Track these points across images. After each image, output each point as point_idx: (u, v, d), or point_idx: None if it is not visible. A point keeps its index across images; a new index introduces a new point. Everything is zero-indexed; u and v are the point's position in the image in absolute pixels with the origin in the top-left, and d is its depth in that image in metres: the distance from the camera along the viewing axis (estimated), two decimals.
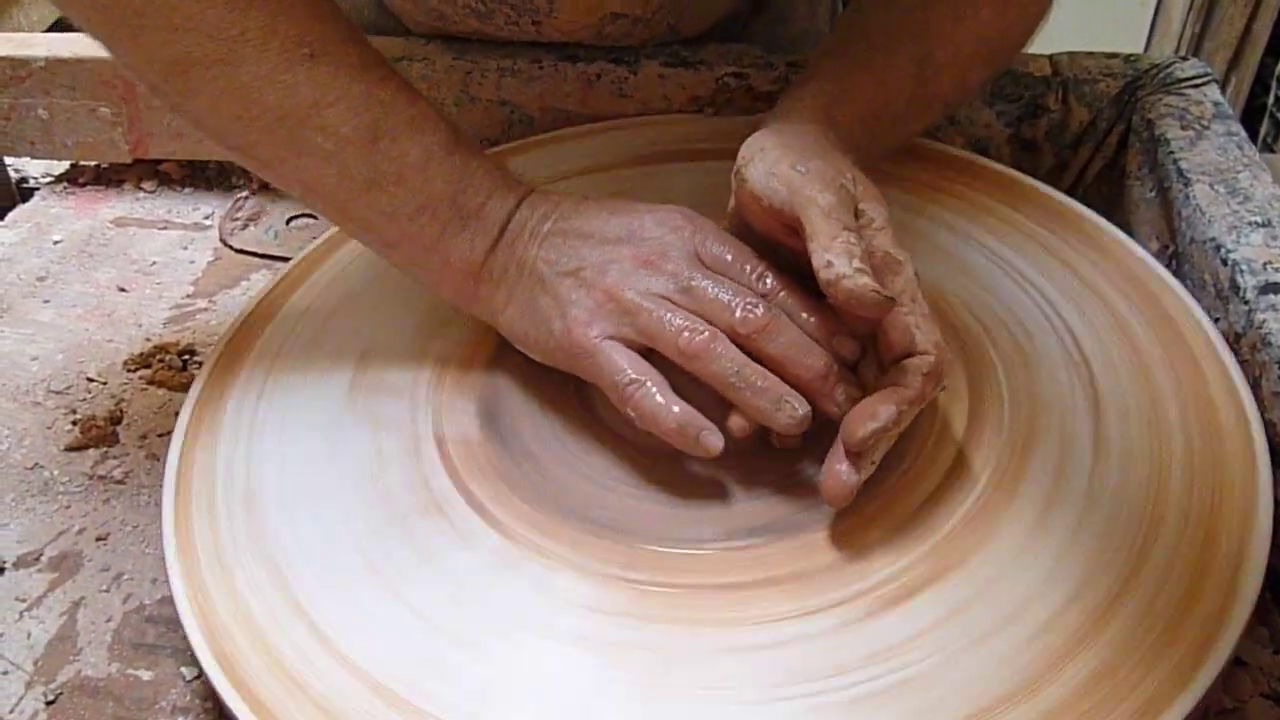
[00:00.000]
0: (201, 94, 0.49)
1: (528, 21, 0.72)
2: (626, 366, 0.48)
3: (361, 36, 0.52)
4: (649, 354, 0.49)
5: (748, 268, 0.50)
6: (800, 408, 0.47)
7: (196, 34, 0.47)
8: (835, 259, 0.45)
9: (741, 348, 0.48)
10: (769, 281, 0.50)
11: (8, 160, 0.84)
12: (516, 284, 0.52)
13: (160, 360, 0.65)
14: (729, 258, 0.50)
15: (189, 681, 0.49)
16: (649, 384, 0.48)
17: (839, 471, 0.46)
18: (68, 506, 0.57)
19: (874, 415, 0.45)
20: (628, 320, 0.49)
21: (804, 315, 0.49)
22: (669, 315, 0.48)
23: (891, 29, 0.59)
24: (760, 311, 0.48)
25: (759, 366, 0.47)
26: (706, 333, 0.47)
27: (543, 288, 0.51)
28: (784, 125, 0.53)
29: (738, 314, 0.48)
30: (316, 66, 0.49)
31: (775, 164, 0.49)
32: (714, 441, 0.47)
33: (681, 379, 0.49)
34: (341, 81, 0.49)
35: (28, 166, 0.85)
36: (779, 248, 0.51)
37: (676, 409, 0.47)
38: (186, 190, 0.82)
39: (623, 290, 0.49)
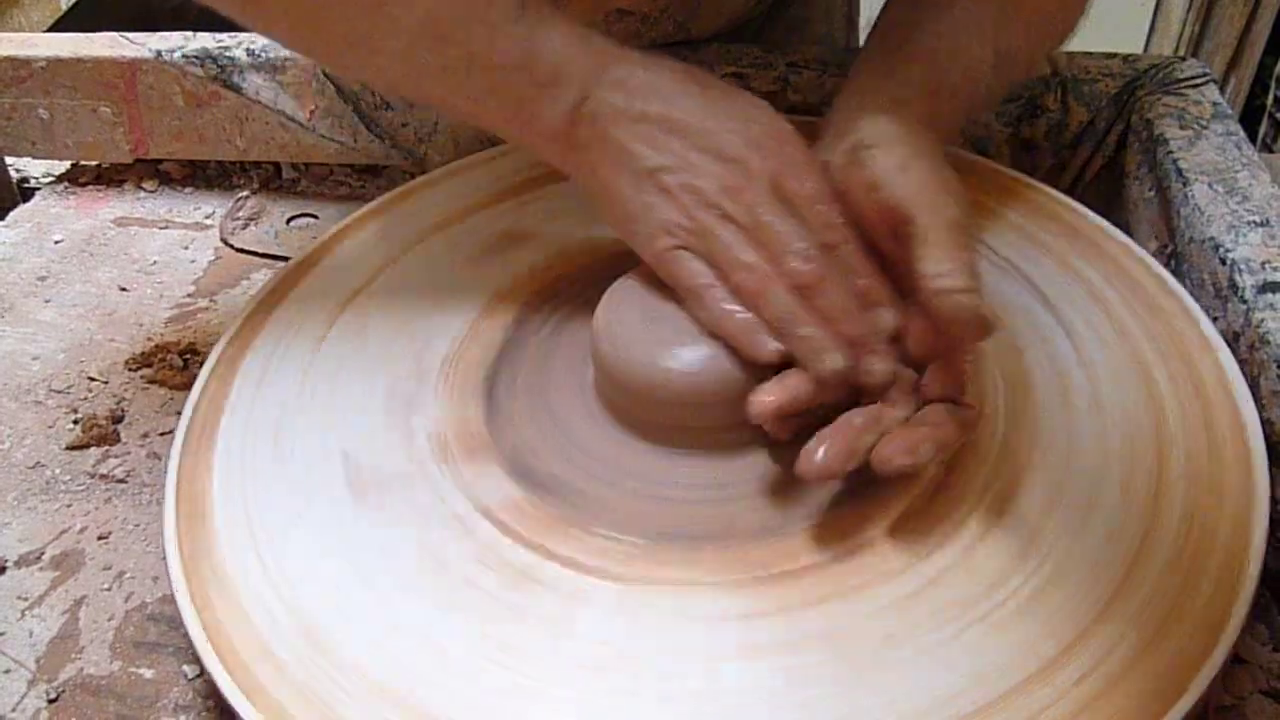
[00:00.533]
0: (278, 14, 0.53)
1: None
2: (700, 272, 0.50)
3: None
4: None
5: (820, 208, 0.50)
6: (838, 361, 0.47)
7: None
8: (952, 269, 0.45)
9: None
10: (835, 232, 0.50)
11: (9, 160, 0.84)
12: (605, 163, 0.52)
13: (161, 359, 0.65)
14: (806, 195, 0.50)
15: (190, 680, 0.49)
16: (720, 289, 0.50)
17: (820, 458, 0.46)
18: (69, 505, 0.57)
19: (913, 450, 0.46)
20: (701, 239, 0.50)
21: (859, 275, 0.50)
22: (736, 250, 0.49)
23: (972, 11, 0.59)
24: (814, 267, 0.48)
25: (807, 316, 0.48)
26: (764, 276, 0.49)
27: (630, 177, 0.51)
28: (899, 118, 0.52)
29: (792, 262, 0.49)
30: None
31: (910, 159, 0.49)
32: (771, 344, 0.48)
33: None
34: None
35: (29, 166, 0.85)
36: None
37: (740, 315, 0.49)
38: (187, 190, 0.82)
39: (702, 212, 0.50)
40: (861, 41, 0.77)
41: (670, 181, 0.51)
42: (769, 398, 0.47)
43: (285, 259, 0.70)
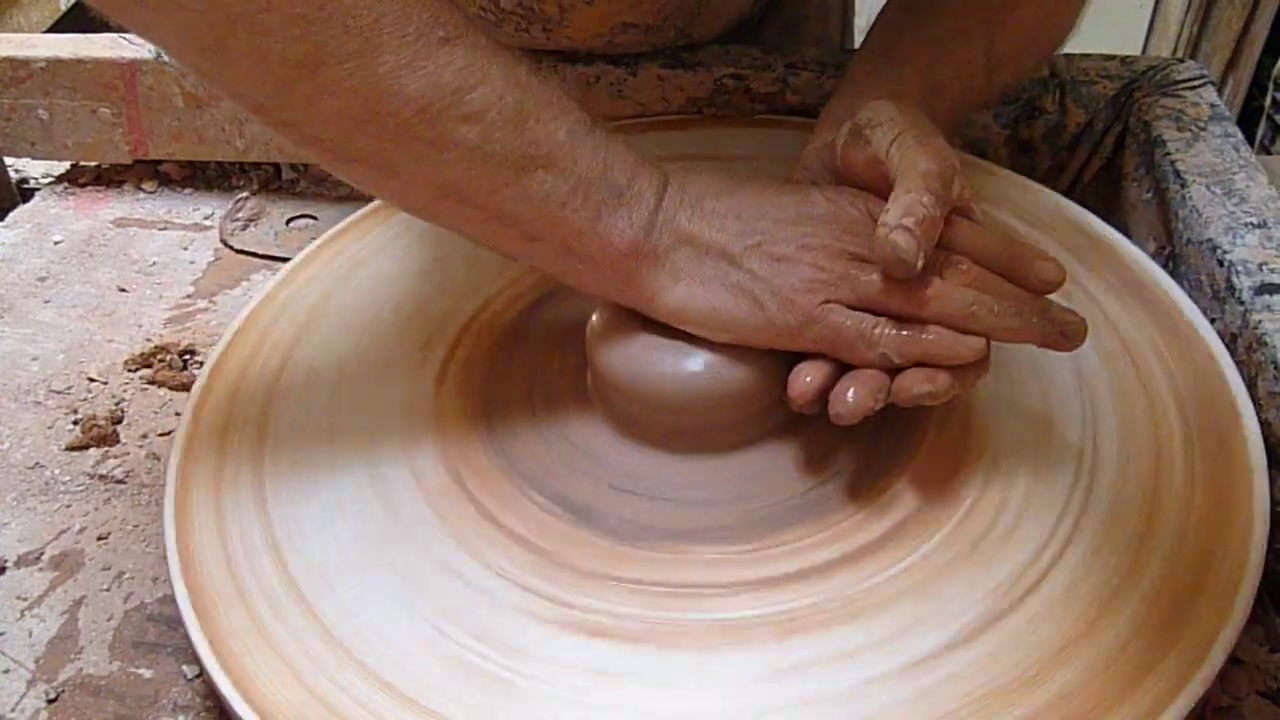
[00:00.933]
0: (330, 95, 0.44)
1: (539, 29, 0.72)
2: (861, 318, 0.49)
3: (479, 22, 0.49)
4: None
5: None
6: (1044, 310, 0.48)
7: (330, 24, 0.43)
8: (892, 207, 0.46)
9: None
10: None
11: (8, 161, 0.84)
12: (690, 261, 0.50)
13: (161, 360, 0.65)
14: None
15: (190, 680, 0.49)
16: (886, 324, 0.48)
17: (855, 395, 0.47)
18: (69, 506, 0.57)
19: (931, 379, 0.47)
20: (846, 286, 0.49)
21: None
22: (889, 280, 0.49)
23: (963, 13, 0.59)
24: (967, 269, 0.49)
25: (991, 296, 0.48)
26: (933, 279, 0.48)
27: (730, 263, 0.50)
28: (896, 103, 0.53)
29: (948, 272, 0.49)
30: (455, 50, 0.45)
31: (900, 135, 0.49)
32: (979, 341, 0.48)
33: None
34: (481, 64, 0.46)
35: (28, 167, 0.85)
36: None
37: (926, 334, 0.48)
38: (187, 191, 0.82)
39: (832, 260, 0.49)
40: (858, 42, 0.77)
41: (781, 249, 0.50)
42: (808, 379, 0.48)
43: (285, 260, 0.70)
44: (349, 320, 0.61)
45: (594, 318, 0.54)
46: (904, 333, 0.48)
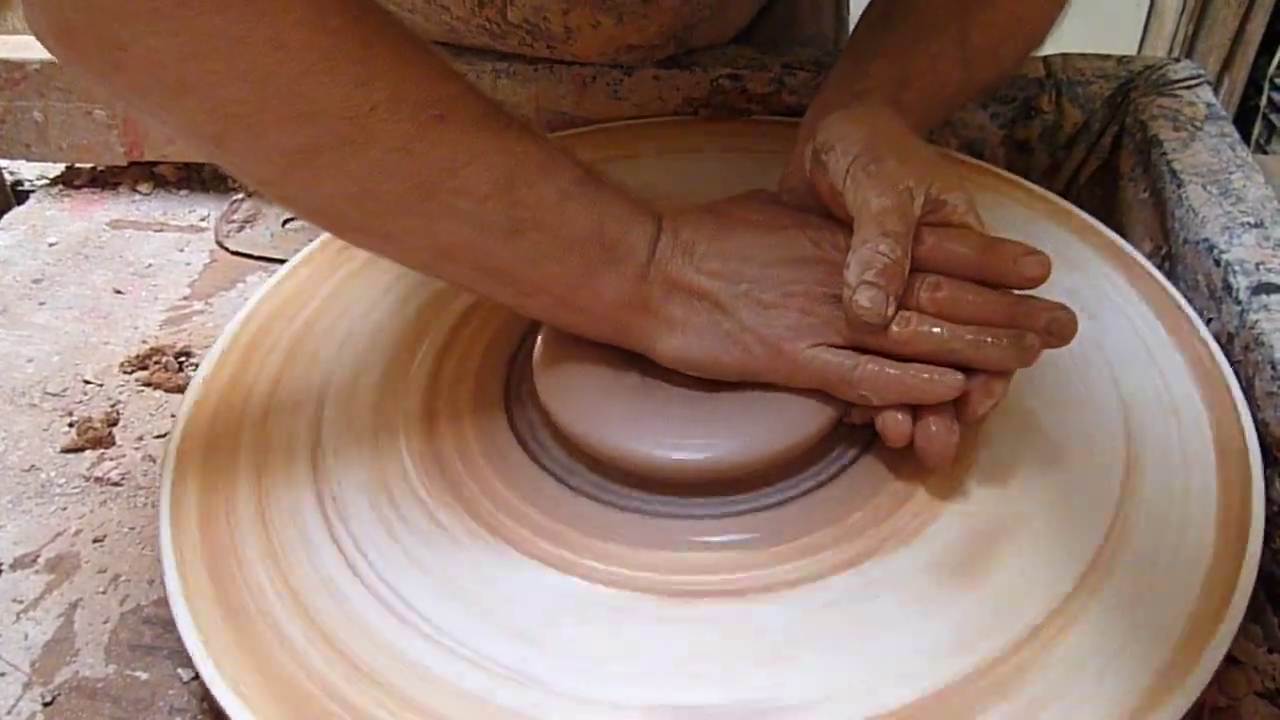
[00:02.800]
0: (328, 178, 0.46)
1: (543, 45, 0.72)
2: (845, 356, 0.49)
3: (474, 85, 0.49)
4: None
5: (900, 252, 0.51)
6: (1021, 336, 0.48)
7: (324, 117, 0.44)
8: (852, 263, 0.48)
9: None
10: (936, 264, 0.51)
11: (3, 163, 0.84)
12: (683, 310, 0.51)
13: (157, 362, 0.65)
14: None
15: (186, 682, 0.49)
16: (871, 363, 0.49)
17: (936, 433, 0.48)
18: (64, 508, 0.57)
19: (991, 393, 0.48)
20: (831, 329, 0.50)
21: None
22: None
23: (935, 9, 0.60)
24: (946, 288, 0.49)
25: (966, 327, 0.49)
26: (912, 318, 0.49)
27: (721, 311, 0.51)
28: (861, 109, 0.53)
29: (924, 295, 0.49)
30: (447, 128, 0.46)
31: (852, 161, 0.50)
32: (956, 379, 0.48)
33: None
34: (472, 137, 0.47)
35: (23, 169, 0.85)
36: None
37: (906, 373, 0.49)
38: (182, 192, 0.82)
39: (817, 305, 0.50)
40: None
41: (769, 296, 0.50)
42: (903, 420, 0.49)
43: (281, 261, 0.70)
44: (348, 322, 0.61)
45: (537, 354, 0.54)
46: (888, 371, 0.48)
